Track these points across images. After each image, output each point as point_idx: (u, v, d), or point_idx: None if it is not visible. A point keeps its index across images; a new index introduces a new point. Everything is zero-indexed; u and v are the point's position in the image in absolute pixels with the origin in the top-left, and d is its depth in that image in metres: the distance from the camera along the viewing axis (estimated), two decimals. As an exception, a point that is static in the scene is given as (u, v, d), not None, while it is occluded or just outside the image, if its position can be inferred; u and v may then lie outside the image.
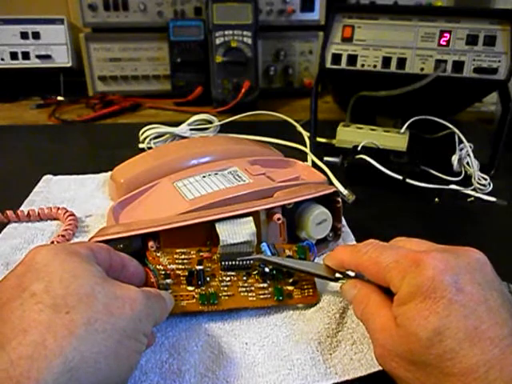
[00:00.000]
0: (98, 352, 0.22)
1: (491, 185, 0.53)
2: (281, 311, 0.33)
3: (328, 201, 0.39)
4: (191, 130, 0.68)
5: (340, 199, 0.39)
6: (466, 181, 0.54)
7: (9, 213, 0.44)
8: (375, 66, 0.60)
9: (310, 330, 0.31)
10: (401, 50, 0.59)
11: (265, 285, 0.33)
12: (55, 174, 0.55)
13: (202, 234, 0.34)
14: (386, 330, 0.25)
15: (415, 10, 0.61)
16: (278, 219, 0.35)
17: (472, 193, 0.52)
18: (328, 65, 0.61)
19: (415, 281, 0.24)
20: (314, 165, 0.58)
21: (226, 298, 0.32)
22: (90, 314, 0.22)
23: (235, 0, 0.82)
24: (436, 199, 0.51)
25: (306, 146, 0.65)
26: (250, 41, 0.82)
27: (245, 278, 0.33)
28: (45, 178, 0.54)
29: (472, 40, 0.56)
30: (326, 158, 0.60)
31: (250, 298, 0.32)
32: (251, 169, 0.44)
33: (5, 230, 0.43)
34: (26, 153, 0.66)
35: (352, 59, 0.60)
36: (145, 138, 0.65)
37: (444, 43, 0.57)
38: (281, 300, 0.33)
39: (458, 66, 0.57)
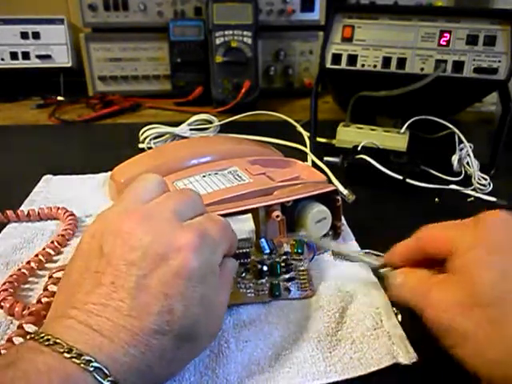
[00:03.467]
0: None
1: (491, 185, 0.53)
2: (280, 310, 0.33)
3: (328, 199, 0.39)
4: (191, 129, 0.68)
5: (339, 197, 0.39)
6: (466, 181, 0.54)
7: (9, 213, 0.44)
8: (375, 66, 0.60)
9: (309, 328, 0.31)
10: (401, 50, 0.59)
11: (263, 281, 0.33)
12: (55, 174, 0.55)
13: None
14: (442, 283, 0.26)
15: (415, 10, 0.61)
16: (277, 216, 0.35)
17: (472, 193, 0.52)
18: (328, 65, 0.61)
19: (476, 233, 0.26)
20: (314, 165, 0.58)
21: None
22: (187, 351, 0.25)
23: (235, 0, 0.82)
24: (436, 199, 0.51)
25: (306, 146, 0.65)
26: (250, 41, 0.82)
27: (243, 275, 0.33)
28: (45, 177, 0.54)
29: (472, 40, 0.56)
30: (326, 158, 0.60)
31: (249, 295, 0.33)
32: (251, 168, 0.44)
33: (5, 230, 0.43)
34: (26, 153, 0.66)
35: (352, 59, 0.60)
36: (145, 138, 0.65)
37: (444, 43, 0.57)
38: (278, 295, 0.33)
39: (458, 65, 0.57)
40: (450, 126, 0.56)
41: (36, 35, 0.91)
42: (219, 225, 0.28)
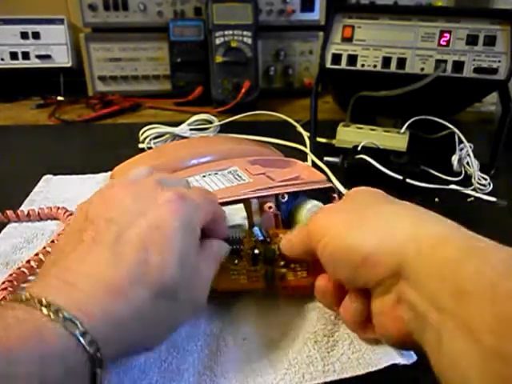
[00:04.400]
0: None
1: (491, 185, 0.53)
2: (278, 310, 0.33)
3: (325, 198, 0.39)
4: (191, 129, 0.68)
5: (336, 195, 0.39)
6: (466, 181, 0.54)
7: (9, 212, 0.44)
8: (375, 66, 0.60)
9: (306, 329, 0.31)
10: (401, 50, 0.59)
11: (257, 268, 0.33)
12: (55, 174, 0.55)
13: None
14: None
15: (415, 10, 0.61)
16: (270, 207, 0.35)
17: (472, 193, 0.52)
18: (328, 65, 0.61)
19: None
20: (314, 165, 0.58)
21: (217, 279, 0.31)
22: (168, 308, 0.24)
23: (235, 0, 0.82)
24: (436, 199, 0.51)
25: (306, 146, 0.65)
26: (250, 41, 0.82)
27: (236, 263, 0.32)
28: (45, 177, 0.54)
29: (472, 40, 0.56)
30: (326, 158, 0.60)
31: (242, 281, 0.32)
32: (251, 168, 0.44)
33: (5, 230, 0.43)
34: (26, 153, 0.66)
35: (352, 59, 0.60)
36: (145, 138, 0.65)
37: (444, 43, 0.57)
38: (271, 282, 0.32)
39: (458, 65, 0.57)
40: (450, 126, 0.56)
41: (36, 35, 0.91)
42: (201, 191, 0.30)
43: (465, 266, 0.20)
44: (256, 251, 0.33)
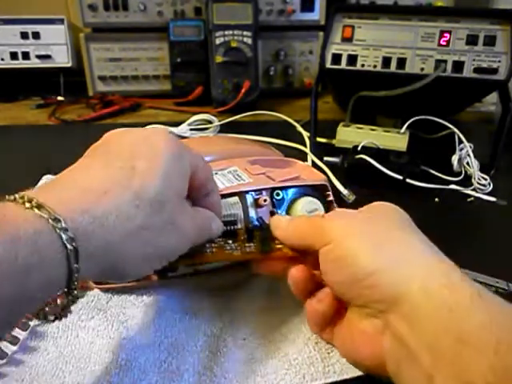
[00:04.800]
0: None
1: (491, 185, 0.53)
2: (276, 310, 0.33)
3: (323, 197, 0.39)
4: (191, 129, 0.68)
5: (330, 192, 0.39)
6: (466, 181, 0.54)
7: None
8: (375, 66, 0.60)
9: (307, 330, 0.31)
10: (401, 50, 0.59)
11: (251, 244, 0.33)
12: (55, 174, 0.55)
13: None
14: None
15: (415, 10, 0.61)
16: (265, 200, 0.35)
17: (472, 193, 0.52)
18: (328, 65, 0.61)
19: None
20: (314, 165, 0.58)
21: (210, 253, 0.32)
22: (150, 221, 0.24)
23: (235, 0, 0.82)
24: (436, 199, 0.51)
25: (306, 146, 0.65)
26: (250, 41, 0.82)
27: (230, 241, 0.32)
28: (45, 178, 0.54)
29: (472, 40, 0.56)
30: (326, 158, 0.60)
31: (235, 253, 0.32)
32: (251, 168, 0.44)
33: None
34: (26, 153, 0.66)
35: (352, 59, 0.60)
36: (145, 138, 0.64)
37: (444, 43, 0.57)
38: (267, 251, 0.32)
39: (458, 65, 0.57)
40: (450, 126, 0.56)
41: (36, 35, 0.91)
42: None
43: (470, 317, 0.20)
44: (256, 223, 0.33)
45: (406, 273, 0.23)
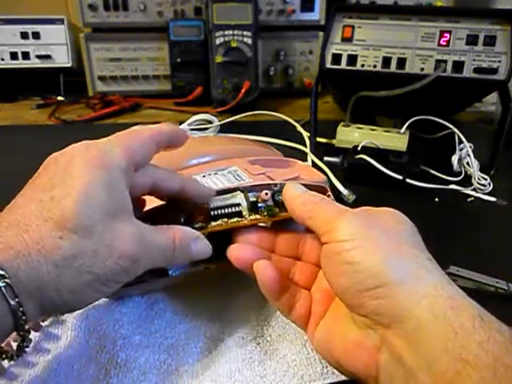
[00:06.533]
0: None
1: (491, 185, 0.53)
2: (277, 311, 0.33)
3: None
4: (191, 129, 0.68)
5: (329, 191, 0.39)
6: (466, 181, 0.54)
7: (8, 213, 0.44)
8: (375, 66, 0.60)
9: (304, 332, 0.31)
10: (401, 50, 0.59)
11: (257, 216, 0.32)
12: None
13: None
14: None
15: (415, 10, 0.61)
16: (266, 194, 0.35)
17: (472, 193, 0.52)
18: (328, 65, 0.61)
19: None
20: (314, 165, 0.58)
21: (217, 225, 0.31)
22: (78, 248, 0.23)
23: (235, 0, 0.82)
24: (436, 199, 0.51)
25: (306, 146, 0.65)
26: (250, 41, 0.82)
27: (235, 220, 0.32)
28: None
29: (472, 40, 0.56)
30: (326, 158, 0.60)
31: (242, 222, 0.31)
32: (251, 168, 0.44)
33: None
34: (26, 153, 0.66)
35: (352, 59, 0.60)
36: (145, 138, 0.64)
37: (444, 43, 0.57)
38: (272, 214, 0.32)
39: (458, 66, 0.57)
40: (450, 126, 0.56)
41: (36, 35, 0.91)
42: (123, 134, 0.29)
43: (471, 338, 0.20)
44: (268, 196, 0.32)
45: (416, 290, 0.23)
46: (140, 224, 0.26)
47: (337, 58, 0.61)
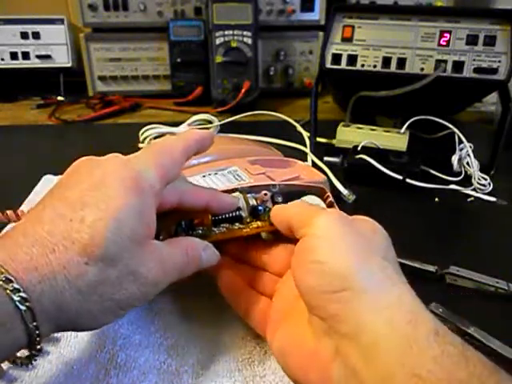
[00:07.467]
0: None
1: (491, 185, 0.53)
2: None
3: (322, 200, 0.39)
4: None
5: (329, 194, 0.39)
6: (466, 181, 0.54)
7: (9, 213, 0.44)
8: (375, 66, 0.60)
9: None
10: (401, 50, 0.59)
11: (259, 223, 0.32)
12: (55, 174, 0.55)
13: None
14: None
15: (415, 10, 0.61)
16: (265, 194, 0.35)
17: (472, 193, 0.52)
18: (328, 65, 0.61)
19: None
20: (314, 165, 0.58)
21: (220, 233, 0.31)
22: (103, 276, 0.23)
23: (235, 0, 0.82)
24: (436, 199, 0.51)
25: (306, 146, 0.65)
26: (250, 41, 0.82)
27: (237, 224, 0.32)
28: (45, 177, 0.54)
29: (472, 40, 0.56)
30: (326, 158, 0.60)
31: (245, 230, 0.32)
32: (251, 168, 0.44)
33: (5, 230, 0.43)
34: (25, 153, 0.66)
35: (352, 59, 0.60)
36: (145, 138, 0.65)
37: (444, 43, 0.57)
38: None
39: (458, 66, 0.57)
40: (450, 125, 0.56)
41: (36, 35, 0.91)
42: (151, 149, 0.29)
43: (426, 353, 0.20)
44: (260, 207, 0.33)
45: (379, 299, 0.22)
46: (158, 244, 0.26)
47: (337, 58, 0.61)
